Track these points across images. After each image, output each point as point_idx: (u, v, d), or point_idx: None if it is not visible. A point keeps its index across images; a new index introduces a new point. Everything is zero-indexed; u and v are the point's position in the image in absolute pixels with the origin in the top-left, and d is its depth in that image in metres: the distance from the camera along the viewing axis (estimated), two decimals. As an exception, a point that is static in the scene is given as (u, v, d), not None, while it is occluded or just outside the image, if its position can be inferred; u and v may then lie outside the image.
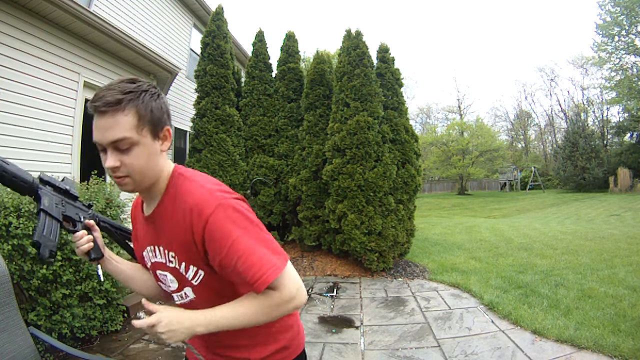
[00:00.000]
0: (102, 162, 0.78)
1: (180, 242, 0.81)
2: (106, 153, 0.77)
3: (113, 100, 0.74)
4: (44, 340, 1.56)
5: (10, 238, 2.33)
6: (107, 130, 0.75)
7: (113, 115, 0.74)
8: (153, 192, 0.86)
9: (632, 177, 18.81)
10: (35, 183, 0.90)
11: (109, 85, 0.77)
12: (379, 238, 4.63)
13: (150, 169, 0.81)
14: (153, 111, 0.79)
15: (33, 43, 4.13)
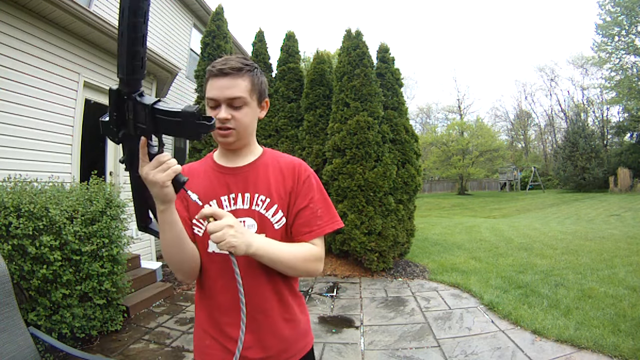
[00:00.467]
0: (212, 115, 0.89)
1: (281, 187, 0.99)
2: (217, 108, 0.92)
3: (237, 67, 0.92)
4: (44, 340, 1.57)
5: (10, 238, 2.33)
6: (228, 89, 0.91)
7: (234, 78, 0.92)
8: (244, 151, 1.02)
9: (632, 177, 18.82)
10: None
11: (229, 57, 0.95)
12: (379, 238, 4.63)
13: (251, 128, 0.99)
14: (262, 83, 0.99)
15: (33, 43, 4.12)
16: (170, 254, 0.88)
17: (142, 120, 0.74)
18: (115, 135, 0.77)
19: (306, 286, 4.38)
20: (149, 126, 0.75)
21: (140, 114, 0.74)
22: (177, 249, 0.87)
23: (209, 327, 0.97)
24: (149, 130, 0.76)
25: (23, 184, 2.76)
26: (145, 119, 0.74)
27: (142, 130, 0.75)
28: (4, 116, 3.81)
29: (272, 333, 0.96)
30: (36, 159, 4.14)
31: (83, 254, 2.62)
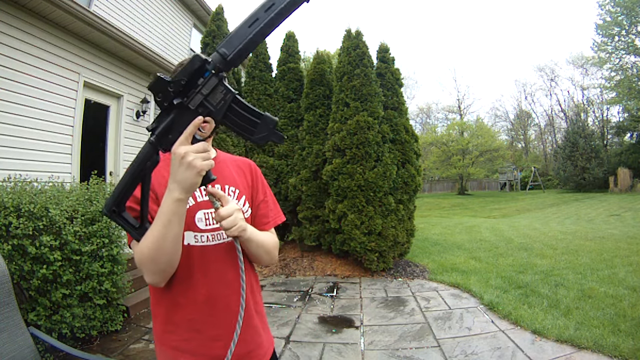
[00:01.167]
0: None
1: (244, 180, 1.06)
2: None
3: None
4: (44, 340, 1.57)
5: (10, 238, 2.33)
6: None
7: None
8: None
9: (632, 177, 18.81)
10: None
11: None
12: (379, 238, 4.63)
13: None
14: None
15: (33, 43, 4.13)
16: (167, 250, 0.78)
17: (215, 102, 0.73)
18: (167, 97, 0.74)
19: (306, 286, 4.39)
20: (218, 111, 0.74)
21: (217, 95, 0.73)
22: (177, 245, 0.81)
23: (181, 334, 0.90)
24: (215, 114, 0.74)
25: (23, 184, 2.76)
26: (220, 102, 0.73)
27: (207, 111, 0.74)
28: (4, 116, 3.81)
29: (249, 326, 0.96)
30: (36, 159, 4.14)
31: (83, 254, 2.62)
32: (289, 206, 5.53)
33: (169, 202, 0.76)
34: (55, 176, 3.60)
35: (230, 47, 0.71)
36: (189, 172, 0.72)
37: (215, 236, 0.94)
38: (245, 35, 0.71)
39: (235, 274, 0.92)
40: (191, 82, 0.74)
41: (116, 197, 0.78)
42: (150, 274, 0.81)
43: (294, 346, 2.83)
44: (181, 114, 0.75)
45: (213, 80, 0.73)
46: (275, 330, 3.11)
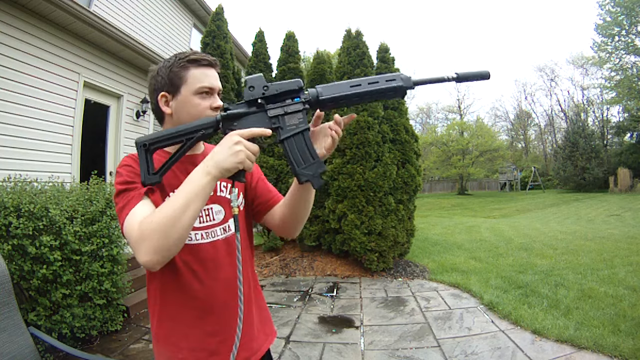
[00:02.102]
0: (203, 106, 0.91)
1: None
2: (210, 96, 0.93)
3: (217, 62, 0.97)
4: (44, 340, 1.57)
5: (10, 238, 2.33)
6: (218, 80, 0.95)
7: (216, 71, 0.96)
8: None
9: (632, 177, 18.80)
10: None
11: (199, 51, 0.97)
12: (379, 238, 4.63)
13: None
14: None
15: (33, 43, 4.13)
16: (184, 225, 0.73)
17: (288, 123, 0.83)
18: (256, 94, 0.83)
19: (306, 286, 4.39)
20: (286, 131, 0.83)
21: (294, 119, 0.84)
22: (191, 225, 0.76)
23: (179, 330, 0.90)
24: (282, 133, 0.83)
25: (23, 184, 2.76)
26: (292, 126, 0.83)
27: (277, 126, 0.83)
28: (4, 116, 3.81)
29: (245, 322, 0.97)
30: (36, 159, 4.14)
31: (83, 254, 2.62)
32: (289, 206, 5.52)
33: (200, 175, 0.75)
34: (55, 176, 3.60)
35: (327, 91, 0.83)
36: (232, 158, 0.75)
37: (210, 234, 0.94)
38: (344, 90, 0.82)
39: (232, 270, 0.92)
40: (282, 95, 0.83)
41: (155, 138, 0.84)
42: (151, 251, 0.72)
43: (294, 346, 2.83)
44: (256, 113, 0.83)
45: (298, 106, 0.83)
46: (275, 330, 3.11)
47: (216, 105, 0.92)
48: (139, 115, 5.98)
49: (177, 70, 0.91)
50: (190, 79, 0.90)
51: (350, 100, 0.83)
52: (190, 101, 0.90)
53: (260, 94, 0.82)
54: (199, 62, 0.91)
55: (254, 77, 0.83)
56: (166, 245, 0.72)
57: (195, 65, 0.91)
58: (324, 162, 0.84)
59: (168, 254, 0.74)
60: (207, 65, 0.92)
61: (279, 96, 0.83)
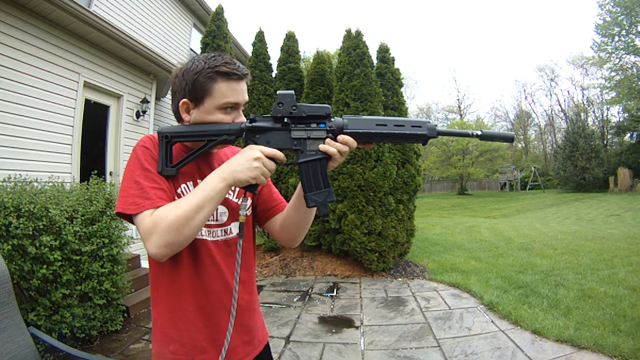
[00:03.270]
0: (229, 120, 0.89)
1: None
2: (233, 111, 0.90)
3: (247, 72, 0.91)
4: (44, 340, 1.57)
5: (10, 238, 2.33)
6: (245, 93, 0.91)
7: (245, 82, 0.91)
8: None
9: (632, 177, 18.80)
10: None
11: (231, 59, 0.89)
12: (379, 238, 4.63)
13: None
14: None
15: (33, 43, 4.12)
16: (196, 224, 0.77)
17: (309, 148, 0.86)
18: (284, 112, 0.84)
19: (306, 286, 4.39)
20: (304, 155, 0.86)
21: (315, 145, 0.86)
22: (202, 225, 0.80)
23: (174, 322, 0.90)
24: (300, 156, 0.87)
25: (23, 184, 2.76)
26: (312, 151, 0.86)
27: (297, 149, 0.86)
28: (4, 116, 3.81)
29: (239, 324, 0.96)
30: (36, 159, 4.14)
31: (83, 254, 2.62)
32: (289, 206, 5.53)
33: (216, 180, 0.79)
34: (55, 176, 3.60)
35: (353, 125, 0.84)
36: (248, 172, 0.79)
37: (212, 232, 0.93)
38: (369, 127, 0.84)
39: (230, 271, 0.93)
40: (309, 118, 0.85)
41: (178, 132, 0.86)
42: (162, 244, 0.75)
43: (294, 346, 2.83)
44: (280, 131, 0.85)
45: (322, 133, 0.85)
46: (275, 330, 3.11)
47: (238, 122, 0.89)
48: (139, 115, 5.98)
49: (203, 81, 0.86)
50: (217, 92, 0.86)
51: (373, 138, 0.85)
52: (213, 115, 0.88)
53: (287, 112, 0.84)
54: (229, 75, 0.86)
55: (285, 93, 0.84)
56: (177, 241, 0.76)
57: (224, 79, 0.86)
58: (332, 192, 0.86)
59: (178, 248, 0.77)
60: (236, 79, 0.87)
61: (305, 118, 0.84)
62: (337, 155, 0.84)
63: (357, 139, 0.85)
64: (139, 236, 4.34)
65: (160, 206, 0.80)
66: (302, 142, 0.85)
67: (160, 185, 0.84)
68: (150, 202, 0.80)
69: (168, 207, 0.79)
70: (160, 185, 0.84)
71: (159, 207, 0.79)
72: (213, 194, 0.78)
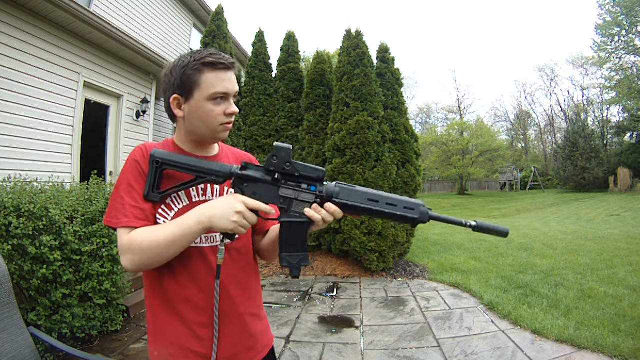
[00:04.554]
0: (216, 112, 0.89)
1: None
2: (224, 102, 0.90)
3: (234, 62, 0.92)
4: (44, 340, 1.57)
5: (10, 238, 2.33)
6: (234, 82, 0.91)
7: (233, 72, 0.91)
8: (213, 146, 1.03)
9: (632, 177, 18.80)
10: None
11: (217, 51, 0.91)
12: (379, 238, 4.63)
13: None
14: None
15: (33, 43, 4.13)
16: (165, 257, 0.82)
17: (294, 209, 0.85)
18: (278, 167, 0.84)
19: (306, 286, 4.39)
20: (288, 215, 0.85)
21: (301, 207, 0.84)
22: (175, 255, 0.85)
23: (173, 332, 0.90)
24: (284, 215, 0.85)
25: (23, 184, 2.76)
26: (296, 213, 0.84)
27: (283, 208, 0.85)
28: (4, 116, 3.81)
29: (242, 331, 0.95)
30: (36, 159, 4.14)
31: (83, 254, 2.62)
32: (289, 206, 5.52)
33: (192, 222, 0.81)
34: (55, 176, 3.60)
35: (344, 195, 0.83)
36: (227, 223, 0.80)
37: (209, 238, 0.93)
38: (359, 201, 0.82)
39: (229, 276, 0.93)
40: (300, 179, 0.84)
41: (170, 160, 0.86)
42: (134, 264, 0.81)
43: (294, 346, 2.83)
44: (269, 185, 0.84)
45: (311, 197, 0.84)
46: (275, 330, 3.11)
47: (230, 111, 0.90)
48: (139, 115, 5.98)
49: (190, 73, 0.87)
50: (204, 83, 0.87)
51: (361, 212, 0.83)
52: (203, 107, 0.88)
53: (280, 168, 0.83)
54: (215, 65, 0.87)
55: (281, 147, 0.83)
56: (149, 264, 0.83)
57: (210, 69, 0.87)
58: (307, 257, 0.86)
59: (149, 268, 0.84)
60: (223, 69, 0.88)
61: (297, 177, 0.84)
62: (320, 223, 0.83)
63: (344, 210, 0.83)
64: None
65: (136, 226, 0.84)
66: (289, 201, 0.84)
67: (139, 205, 0.86)
68: (126, 220, 0.84)
69: (145, 233, 0.82)
70: (139, 205, 0.86)
71: (135, 227, 0.84)
72: (189, 233, 0.81)
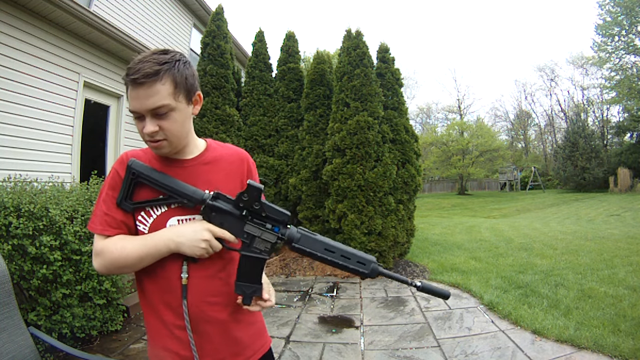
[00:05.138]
0: (139, 129, 0.87)
1: (231, 180, 1.00)
2: (142, 120, 0.85)
3: (151, 72, 0.81)
4: (44, 340, 1.57)
5: (10, 238, 2.33)
6: (147, 99, 0.82)
7: (151, 86, 0.81)
8: (185, 149, 0.96)
9: (632, 177, 18.80)
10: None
11: (144, 58, 0.83)
12: (379, 238, 4.63)
13: (185, 131, 0.92)
14: (187, 78, 0.88)
15: (33, 43, 4.13)
16: (131, 269, 0.89)
17: (256, 245, 0.90)
18: (248, 204, 0.89)
19: (306, 286, 4.39)
20: (249, 250, 0.90)
21: (262, 245, 0.91)
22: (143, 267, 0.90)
23: (158, 334, 0.93)
24: (244, 249, 0.91)
25: (23, 184, 2.76)
26: (257, 249, 0.91)
27: (245, 242, 0.91)
28: (4, 116, 3.81)
29: (226, 337, 0.95)
30: (36, 159, 4.14)
31: (83, 254, 2.62)
32: (289, 206, 5.53)
33: (161, 244, 0.86)
34: (55, 176, 3.60)
35: (303, 242, 0.90)
36: (193, 249, 0.85)
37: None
38: (316, 250, 0.90)
39: (211, 282, 0.93)
40: (266, 219, 0.90)
41: (146, 175, 0.88)
42: (103, 269, 0.88)
43: (293, 346, 2.83)
44: (236, 219, 0.89)
45: (272, 237, 0.90)
46: (275, 330, 3.11)
47: (147, 132, 0.84)
48: (139, 115, 5.98)
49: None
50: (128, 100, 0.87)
51: (317, 259, 0.90)
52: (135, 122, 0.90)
53: (249, 206, 0.88)
54: (127, 83, 0.83)
55: (254, 186, 0.86)
56: (117, 272, 0.90)
57: (128, 83, 0.83)
58: (261, 289, 0.92)
59: (119, 274, 0.94)
60: (133, 85, 0.81)
61: (264, 218, 0.90)
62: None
63: (302, 254, 0.91)
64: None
65: (109, 234, 0.89)
66: (252, 237, 0.90)
67: (113, 214, 0.89)
68: (100, 229, 0.89)
69: (116, 244, 0.87)
70: (113, 214, 0.89)
71: (107, 235, 0.88)
72: (154, 253, 0.86)
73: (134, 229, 0.92)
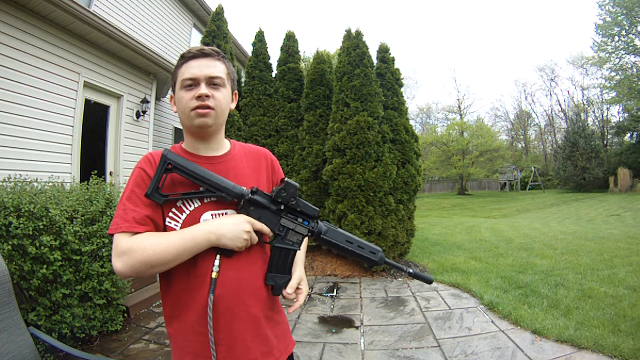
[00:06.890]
0: (187, 99, 0.91)
1: (259, 177, 1.03)
2: (194, 88, 0.92)
3: (215, 51, 0.96)
4: (44, 340, 1.57)
5: (10, 238, 2.33)
6: (209, 68, 0.93)
7: (214, 60, 0.95)
8: (216, 139, 1.01)
9: (632, 177, 18.80)
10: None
11: (201, 46, 0.98)
12: (379, 238, 4.63)
13: (225, 113, 0.98)
14: (234, 74, 1.04)
15: (33, 43, 4.13)
16: (166, 267, 0.83)
17: (288, 237, 0.98)
18: (285, 200, 0.95)
19: (306, 286, 4.38)
20: (282, 242, 0.97)
21: (293, 237, 0.98)
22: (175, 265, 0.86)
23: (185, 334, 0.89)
24: (278, 241, 0.98)
25: (23, 184, 2.76)
26: (290, 241, 0.98)
27: (279, 235, 0.97)
28: (4, 116, 3.81)
29: (256, 335, 0.93)
30: (36, 159, 4.14)
31: (83, 254, 2.62)
32: (289, 206, 5.52)
33: (201, 237, 0.84)
34: (55, 176, 3.60)
35: (330, 234, 0.99)
36: (235, 241, 0.86)
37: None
38: (339, 240, 1.00)
39: (247, 278, 0.92)
40: (298, 214, 0.97)
41: (181, 165, 0.88)
42: (129, 269, 0.81)
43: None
44: (273, 214, 0.95)
45: (304, 230, 0.98)
46: (275, 330, 3.11)
47: (199, 94, 0.90)
48: (139, 115, 5.98)
49: (175, 71, 0.97)
50: (179, 76, 0.94)
51: (338, 249, 1.00)
52: (178, 96, 0.94)
53: (286, 201, 0.94)
54: (184, 57, 0.95)
55: (292, 184, 0.94)
56: (144, 272, 0.82)
57: (183, 61, 0.95)
58: (290, 279, 0.98)
59: (142, 275, 0.84)
60: (191, 58, 0.94)
61: (297, 212, 0.97)
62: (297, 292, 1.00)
63: (327, 245, 0.99)
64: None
65: (138, 231, 0.83)
66: (286, 230, 0.96)
67: (141, 210, 0.85)
68: (127, 225, 0.83)
69: (150, 239, 0.82)
70: (142, 210, 0.85)
71: (134, 232, 0.83)
72: (193, 248, 0.84)
73: (161, 227, 0.88)
